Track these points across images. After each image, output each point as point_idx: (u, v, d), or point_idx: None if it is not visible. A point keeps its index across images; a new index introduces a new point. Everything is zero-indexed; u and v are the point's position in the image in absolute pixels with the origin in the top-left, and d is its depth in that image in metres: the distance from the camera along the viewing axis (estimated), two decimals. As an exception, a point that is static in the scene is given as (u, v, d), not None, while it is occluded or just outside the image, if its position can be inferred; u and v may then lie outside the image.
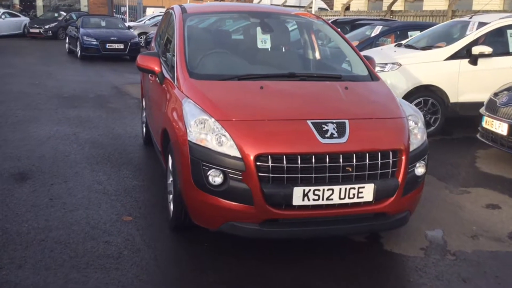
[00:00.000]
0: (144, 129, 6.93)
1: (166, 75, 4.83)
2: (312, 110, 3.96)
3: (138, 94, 10.65)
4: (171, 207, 4.36)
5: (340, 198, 3.71)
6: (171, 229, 4.38)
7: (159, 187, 5.36)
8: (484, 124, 6.86)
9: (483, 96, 7.83)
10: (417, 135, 4.12)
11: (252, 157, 3.61)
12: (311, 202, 3.67)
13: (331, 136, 3.75)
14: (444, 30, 9.15)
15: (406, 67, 7.92)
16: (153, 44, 6.77)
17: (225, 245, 4.12)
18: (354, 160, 3.73)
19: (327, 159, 3.67)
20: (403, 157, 3.87)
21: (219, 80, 4.34)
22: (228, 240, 4.02)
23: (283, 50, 5.44)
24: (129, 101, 10.18)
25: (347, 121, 3.86)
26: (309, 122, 3.80)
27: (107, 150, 6.70)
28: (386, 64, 8.00)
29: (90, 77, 13.50)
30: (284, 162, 3.62)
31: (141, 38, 20.87)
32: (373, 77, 4.77)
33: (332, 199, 3.70)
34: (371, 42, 10.19)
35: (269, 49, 5.25)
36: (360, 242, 4.26)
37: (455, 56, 8.03)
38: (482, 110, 7.01)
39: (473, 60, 7.97)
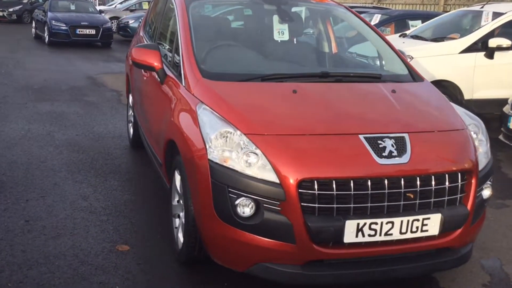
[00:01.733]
0: (132, 130, 6.06)
1: (169, 73, 3.99)
2: (363, 121, 3.20)
3: (116, 86, 9.78)
4: (179, 236, 3.56)
5: (400, 233, 2.98)
6: (180, 263, 3.57)
7: (156, 203, 4.54)
8: (511, 125, 6.21)
9: (499, 93, 7.23)
10: (480, 148, 3.40)
11: (294, 183, 2.84)
12: (366, 239, 2.92)
13: (390, 155, 3.00)
14: (453, 20, 8.49)
15: (418, 60, 7.21)
16: (141, 33, 5.89)
17: (252, 287, 3.34)
18: (418, 185, 2.98)
19: (386, 184, 2.92)
20: (473, 179, 3.15)
21: (239, 81, 3.53)
22: (256, 281, 3.24)
23: (304, 43, 4.64)
24: (107, 94, 9.25)
25: (406, 135, 3.12)
26: (361, 137, 3.04)
27: (89, 154, 5.82)
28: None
29: (61, 66, 12.46)
30: (334, 188, 2.86)
31: (112, 23, 19.73)
32: (415, 76, 4.03)
33: (391, 234, 2.96)
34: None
35: (287, 42, 4.45)
36: (411, 280, 3.52)
37: (470, 49, 7.36)
38: (508, 109, 6.36)
39: (490, 54, 7.32)
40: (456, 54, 7.35)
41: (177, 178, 3.61)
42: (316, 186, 2.85)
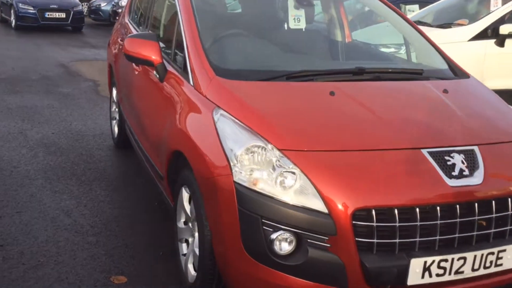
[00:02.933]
0: (116, 128, 5.37)
1: (170, 69, 3.34)
2: (424, 132, 2.61)
3: (92, 75, 9.04)
4: (189, 267, 2.94)
5: (472, 270, 2.41)
6: (192, 301, 2.96)
7: (152, 219, 3.92)
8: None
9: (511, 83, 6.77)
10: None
11: (347, 213, 2.24)
12: (433, 279, 2.36)
13: (461, 174, 2.42)
14: (458, 5, 7.98)
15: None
16: (126, 19, 5.17)
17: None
18: (494, 210, 2.42)
19: (458, 211, 2.35)
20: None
21: (261, 80, 2.91)
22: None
23: (324, 32, 4.02)
24: (82, 84, 8.48)
25: (476, 148, 2.55)
26: (425, 152, 2.46)
27: (69, 157, 5.12)
28: (402, 45, 6.71)
29: (29, 53, 11.57)
30: (397, 219, 2.27)
31: (83, 6, 18.72)
32: (457, 71, 3.45)
33: (461, 272, 2.40)
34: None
35: (307, 31, 3.82)
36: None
37: (480, 36, 6.85)
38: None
39: (501, 41, 6.81)
40: (465, 41, 6.82)
41: (185, 196, 2.99)
42: (374, 217, 2.26)
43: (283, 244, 2.31)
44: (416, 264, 2.30)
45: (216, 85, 2.83)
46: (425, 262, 2.31)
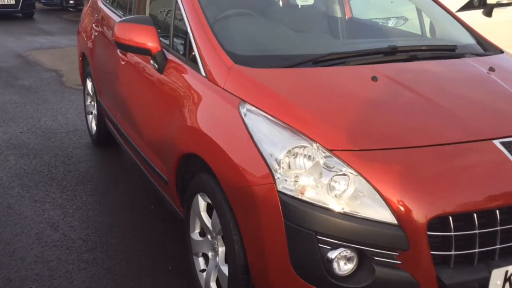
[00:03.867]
0: (94, 124, 4.87)
1: (171, 57, 2.89)
2: (490, 119, 2.26)
3: (52, 64, 8.41)
4: (213, 287, 2.54)
5: (554, 277, 2.09)
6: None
7: (152, 226, 3.48)
8: None
9: (500, 54, 6.58)
10: None
11: (422, 223, 1.88)
12: (514, 291, 2.02)
13: (540, 166, 2.08)
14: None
15: (414, 22, 6.33)
16: (99, 3, 4.63)
17: None
18: None
19: (539, 212, 2.02)
20: None
21: (287, 66, 2.50)
22: None
23: (330, 8, 3.61)
24: (44, 75, 7.84)
25: (548, 135, 2.21)
26: (497, 143, 2.11)
27: (43, 159, 4.60)
28: (389, 18, 6.37)
29: (-20, 43, 10.76)
30: (476, 225, 1.93)
31: (32, -10, 17.68)
32: (487, 46, 3.12)
33: (544, 280, 2.07)
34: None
35: (313, 7, 3.41)
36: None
37: (467, 6, 6.58)
38: None
39: (488, 11, 6.57)
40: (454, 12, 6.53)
41: (201, 204, 2.58)
42: (452, 225, 1.91)
43: (344, 263, 1.94)
44: (497, 275, 1.98)
45: (237, 75, 2.41)
46: (507, 272, 1.99)
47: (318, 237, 1.93)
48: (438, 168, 2.00)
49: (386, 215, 1.90)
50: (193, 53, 2.71)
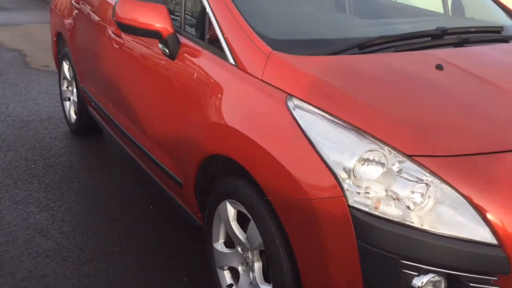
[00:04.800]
0: (73, 112, 4.42)
1: (185, 41, 2.50)
2: None
3: (14, 43, 7.82)
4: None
5: None
6: None
7: (156, 229, 3.11)
8: None
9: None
10: None
11: (527, 242, 1.59)
12: None
13: None
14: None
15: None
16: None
17: None
18: None
19: None
20: None
21: (331, 53, 2.15)
22: None
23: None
24: (6, 56, 7.22)
25: None
26: None
27: (19, 152, 4.13)
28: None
29: None
30: None
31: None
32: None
33: None
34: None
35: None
36: None
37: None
38: None
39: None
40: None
41: (230, 213, 2.24)
42: (557, 243, 1.62)
43: (431, 290, 1.64)
44: None
45: (278, 64, 2.05)
46: None
47: (402, 261, 1.62)
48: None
49: (483, 234, 1.60)
50: (214, 37, 2.33)
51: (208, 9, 2.38)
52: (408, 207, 1.65)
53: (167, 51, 2.51)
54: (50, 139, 4.40)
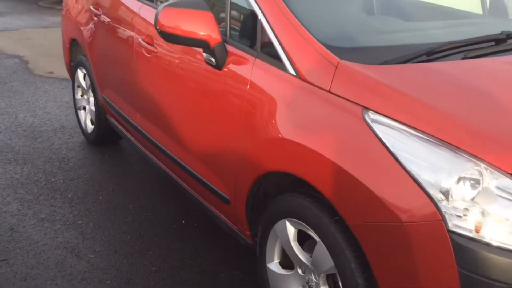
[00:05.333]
0: (89, 122, 4.26)
1: (233, 50, 2.35)
2: None
3: (13, 50, 7.62)
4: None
5: None
6: None
7: (193, 247, 2.96)
8: None
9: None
10: None
11: None
12: None
13: None
14: None
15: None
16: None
17: None
18: None
19: None
20: None
21: (403, 61, 2.01)
22: None
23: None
24: (7, 63, 7.00)
25: None
26: None
27: (36, 164, 3.96)
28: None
29: None
30: None
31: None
32: None
33: None
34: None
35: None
36: None
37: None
38: None
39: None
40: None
41: (290, 232, 2.11)
42: None
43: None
44: None
45: (348, 75, 1.91)
46: None
47: (511, 289, 1.49)
48: None
49: None
50: (267, 45, 2.19)
51: (260, 15, 2.24)
52: None
53: (213, 60, 2.37)
54: (67, 150, 4.23)
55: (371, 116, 1.77)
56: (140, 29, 3.07)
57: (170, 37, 2.36)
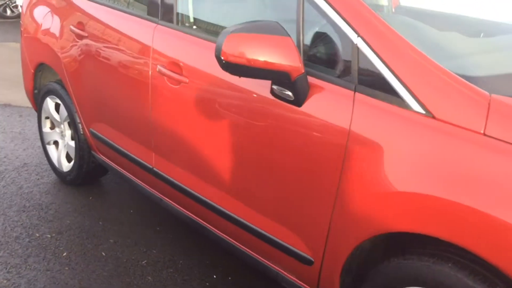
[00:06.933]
0: (65, 160, 3.66)
1: (317, 82, 1.93)
2: None
3: None
4: None
5: None
6: None
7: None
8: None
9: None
10: None
11: None
12: None
13: None
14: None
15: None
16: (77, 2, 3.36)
17: None
18: None
19: None
20: None
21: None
22: None
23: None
24: None
25: None
26: None
27: (10, 216, 3.32)
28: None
29: None
30: None
31: None
32: None
33: None
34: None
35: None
36: None
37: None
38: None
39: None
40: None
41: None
42: None
43: None
44: None
45: (507, 113, 1.55)
46: None
47: None
48: None
49: None
50: (370, 76, 1.79)
51: (355, 40, 1.83)
52: None
53: (290, 94, 1.93)
54: (40, 194, 3.59)
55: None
56: (154, 55, 2.56)
57: (238, 69, 1.89)
